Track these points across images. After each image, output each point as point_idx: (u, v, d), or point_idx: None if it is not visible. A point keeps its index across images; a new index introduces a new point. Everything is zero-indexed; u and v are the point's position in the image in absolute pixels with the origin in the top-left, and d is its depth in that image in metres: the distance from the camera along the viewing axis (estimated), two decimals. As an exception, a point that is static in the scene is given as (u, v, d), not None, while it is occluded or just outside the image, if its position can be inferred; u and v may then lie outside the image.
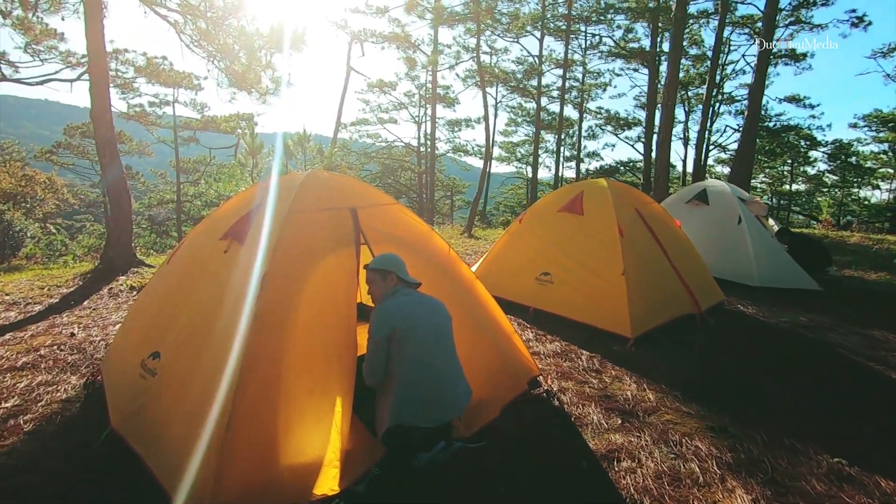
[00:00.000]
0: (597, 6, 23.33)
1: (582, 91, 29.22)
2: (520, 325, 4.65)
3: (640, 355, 3.95)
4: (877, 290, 6.71)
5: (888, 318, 5.23)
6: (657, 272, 4.79)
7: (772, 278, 6.19)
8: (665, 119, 10.69)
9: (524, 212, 5.79)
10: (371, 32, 25.54)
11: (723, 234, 6.65)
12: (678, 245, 5.23)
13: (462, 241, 11.18)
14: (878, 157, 33.62)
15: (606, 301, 4.43)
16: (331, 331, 2.29)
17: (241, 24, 7.42)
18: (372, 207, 2.84)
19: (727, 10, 18.67)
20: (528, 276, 5.12)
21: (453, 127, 34.99)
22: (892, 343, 4.42)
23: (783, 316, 5.19)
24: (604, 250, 4.65)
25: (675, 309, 4.70)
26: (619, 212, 4.82)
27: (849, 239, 12.45)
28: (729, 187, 7.05)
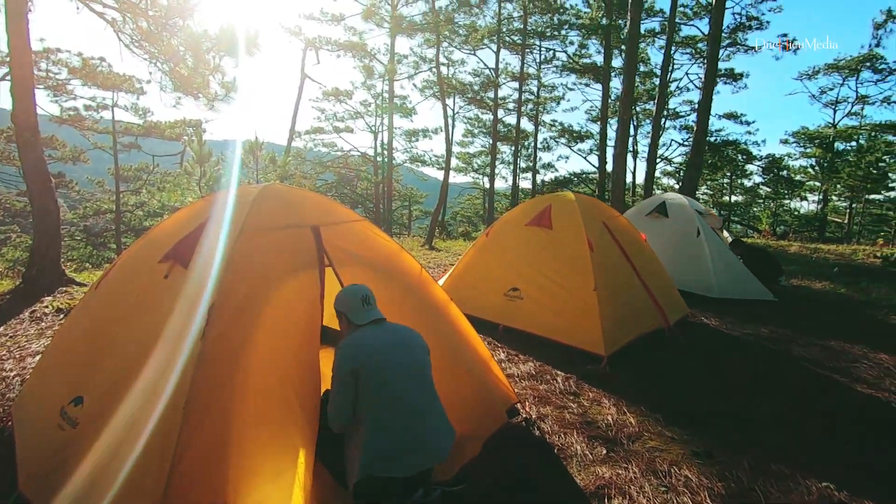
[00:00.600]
0: (551, 22, 23.92)
1: (537, 104, 29.82)
2: (490, 344, 4.45)
3: (616, 374, 3.83)
4: (824, 299, 7.00)
5: (841, 328, 5.41)
6: (627, 287, 4.73)
7: (730, 289, 6.32)
8: (621, 133, 10.94)
9: (491, 225, 5.63)
10: (326, 40, 25.09)
11: (682, 247, 6.75)
12: (645, 259, 5.21)
13: (423, 253, 10.94)
14: (806, 171, 36.23)
15: (578, 318, 4.30)
16: (291, 371, 1.99)
17: (187, 25, 6.93)
18: (336, 225, 2.56)
19: (674, 30, 19.57)
20: (497, 291, 4.95)
21: (410, 137, 34.82)
22: (850, 353, 4.53)
23: (746, 328, 5.26)
24: (574, 265, 4.54)
25: (645, 324, 4.64)
26: (587, 226, 4.74)
27: (788, 248, 13.16)
28: (687, 200, 7.19)
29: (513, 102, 29.11)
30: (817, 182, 35.16)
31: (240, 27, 7.65)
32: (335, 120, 34.49)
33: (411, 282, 2.74)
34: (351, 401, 2.04)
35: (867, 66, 31.01)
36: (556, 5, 22.92)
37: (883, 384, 3.86)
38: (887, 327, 5.60)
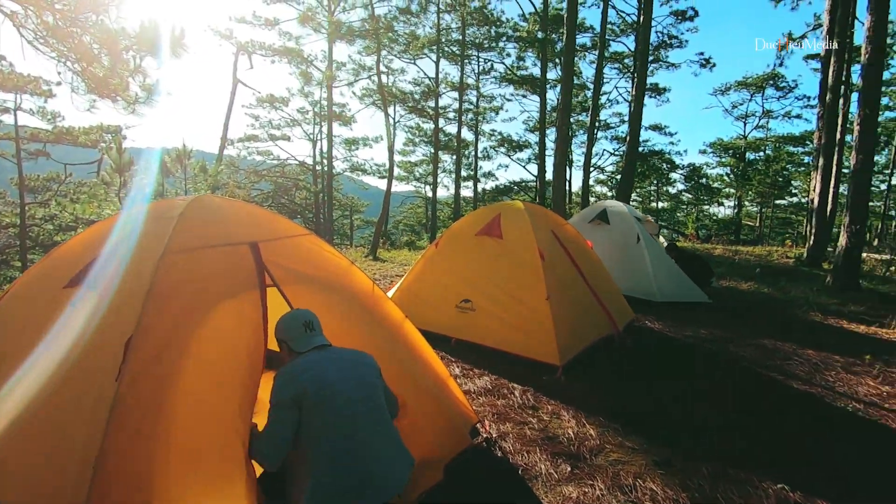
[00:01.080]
0: (489, 34, 24.41)
1: (477, 114, 30.28)
2: (444, 359, 4.29)
3: (572, 385, 3.80)
4: (751, 299, 7.46)
5: (770, 327, 5.74)
6: (577, 295, 4.75)
7: (670, 293, 6.57)
8: (560, 142, 11.24)
9: (440, 236, 5.50)
10: (260, 45, 24.15)
11: (624, 253, 6.95)
12: (593, 266, 5.28)
13: (367, 263, 10.63)
14: (722, 179, 39.31)
15: (531, 328, 4.25)
16: (232, 411, 1.73)
17: (101, 20, 6.29)
18: (278, 240, 2.31)
19: (605, 46, 20.56)
20: (448, 304, 4.81)
21: (350, 145, 34.25)
22: (781, 351, 4.79)
23: (687, 330, 5.45)
24: (526, 275, 4.50)
25: (596, 332, 4.68)
26: (537, 235, 4.72)
27: (713, 251, 14.05)
28: (626, 207, 7.44)
29: (453, 112, 29.39)
30: (732, 189, 38.21)
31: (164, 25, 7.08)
32: (271, 127, 33.28)
33: (363, 300, 2.53)
34: (291, 434, 1.80)
35: (770, 83, 34.24)
36: (493, 18, 23.45)
37: (815, 380, 4.09)
38: (809, 324, 6.02)
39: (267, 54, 25.00)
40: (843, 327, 5.95)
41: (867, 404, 3.63)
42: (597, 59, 19.98)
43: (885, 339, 5.48)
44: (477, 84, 29.15)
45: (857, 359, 4.59)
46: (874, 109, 7.96)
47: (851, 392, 3.85)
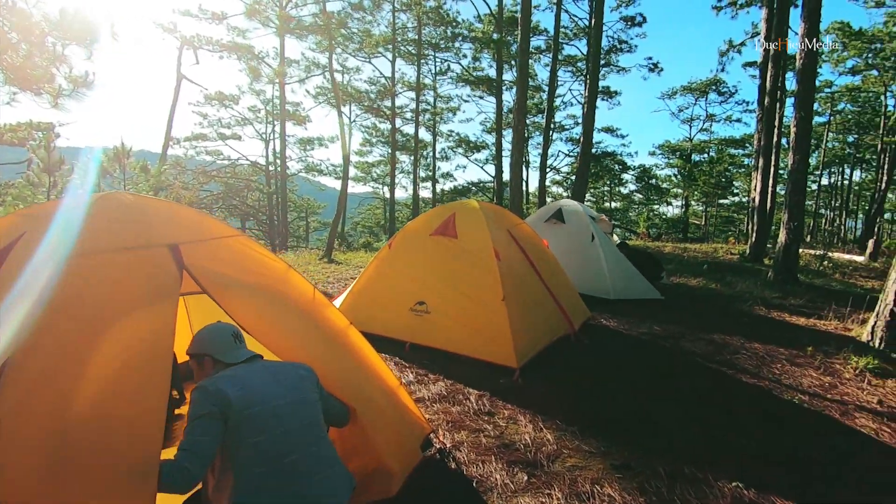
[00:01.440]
0: (445, 34, 24.36)
1: (434, 114, 30.19)
2: (397, 365, 4.11)
3: (529, 387, 3.70)
4: (700, 294, 7.68)
5: (719, 322, 5.89)
6: (534, 295, 4.68)
7: (624, 291, 6.64)
8: (516, 142, 11.29)
9: (393, 236, 5.31)
10: (207, 39, 23.10)
11: (580, 252, 6.98)
12: (549, 265, 5.24)
13: (322, 266, 10.27)
14: (670, 180, 41.04)
15: (488, 330, 4.13)
16: (138, 432, 1.49)
17: (14, 4, 5.72)
18: (202, 242, 2.07)
19: (558, 49, 20.92)
20: (402, 306, 4.63)
21: (305, 145, 33.43)
22: (730, 345, 4.90)
23: (641, 327, 5.51)
24: (481, 275, 4.38)
25: (553, 332, 4.62)
26: (493, 234, 4.62)
27: (664, 248, 14.52)
28: (581, 206, 7.49)
29: (410, 112, 29.20)
30: (680, 189, 39.96)
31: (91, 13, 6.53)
32: (220, 126, 32.02)
33: (303, 306, 2.32)
34: (215, 448, 1.58)
35: (713, 89, 36.00)
36: (449, 18, 23.42)
37: (762, 373, 4.18)
38: (755, 318, 6.23)
39: (215, 49, 23.94)
40: (785, 320, 6.19)
41: (811, 395, 3.73)
42: (551, 61, 20.28)
43: (823, 330, 5.73)
44: (434, 84, 29.08)
45: (799, 351, 4.75)
46: (809, 112, 8.39)
47: (797, 384, 3.96)
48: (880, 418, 3.38)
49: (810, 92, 8.32)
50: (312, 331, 2.25)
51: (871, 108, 32.41)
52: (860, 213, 39.83)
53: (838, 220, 39.55)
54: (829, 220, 40.01)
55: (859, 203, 41.06)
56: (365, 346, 2.56)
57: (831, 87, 31.98)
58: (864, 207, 37.20)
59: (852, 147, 37.23)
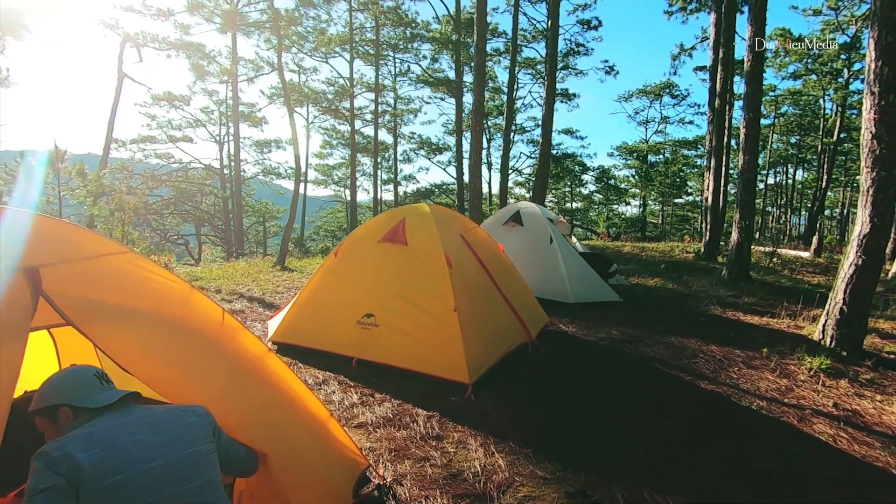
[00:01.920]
0: (404, 35, 24.04)
1: (395, 116, 29.82)
2: (341, 385, 3.78)
3: (482, 404, 3.46)
4: (658, 294, 7.68)
5: (676, 323, 5.84)
6: (489, 304, 4.45)
7: (583, 294, 6.52)
8: (475, 143, 11.12)
9: (340, 243, 4.98)
10: (152, 37, 21.96)
11: (538, 255, 6.83)
12: (505, 271, 5.03)
13: (274, 274, 9.76)
14: (628, 180, 42.14)
15: (439, 343, 3.87)
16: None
17: None
18: (71, 263, 1.71)
19: (516, 51, 20.97)
20: (349, 320, 4.30)
21: (262, 148, 32.44)
22: (688, 349, 4.81)
23: (600, 332, 5.37)
24: (432, 284, 4.12)
25: (509, 342, 4.40)
26: (444, 239, 4.36)
27: (623, 248, 14.68)
28: (539, 208, 7.35)
29: (370, 113, 28.72)
30: (637, 189, 41.07)
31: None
32: (171, 128, 30.66)
33: (207, 334, 1.98)
34: None
35: (667, 92, 37.18)
36: (408, 19, 23.13)
37: (720, 378, 4.09)
38: (711, 318, 6.22)
39: (162, 48, 22.80)
40: (740, 320, 6.21)
41: (769, 401, 3.64)
42: (510, 63, 20.29)
43: (777, 329, 5.77)
44: (394, 86, 28.71)
45: (755, 352, 4.71)
46: (757, 113, 8.57)
47: (754, 388, 3.88)
48: (836, 423, 3.31)
49: (758, 93, 8.50)
50: (215, 363, 1.91)
51: (812, 111, 34.22)
52: (804, 211, 42.08)
53: (784, 218, 41.64)
54: (776, 217, 42.05)
55: (802, 201, 43.34)
56: (286, 376, 2.24)
57: (775, 91, 33.56)
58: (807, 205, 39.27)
59: (795, 148, 39.24)
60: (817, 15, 25.84)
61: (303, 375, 3.91)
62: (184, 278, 2.08)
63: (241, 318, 5.69)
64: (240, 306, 6.33)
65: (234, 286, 8.02)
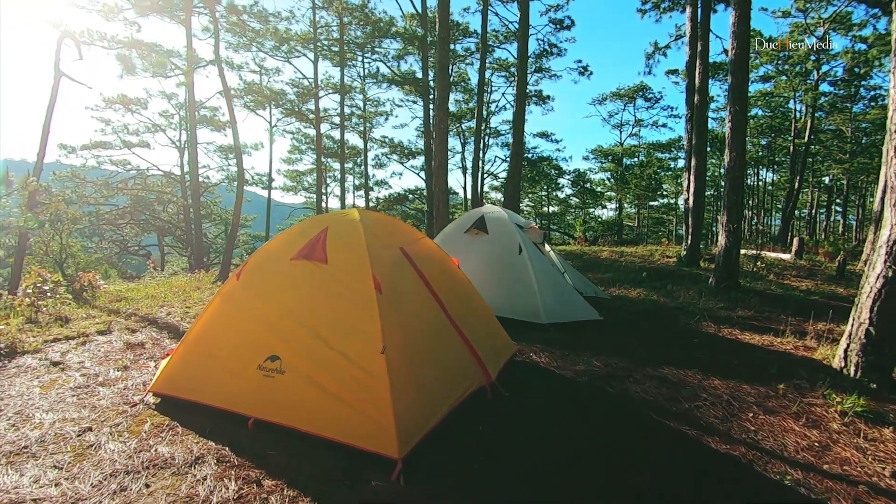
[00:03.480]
0: (372, 32, 23.00)
1: (364, 119, 28.73)
2: (220, 464, 2.69)
3: (413, 493, 2.43)
4: (643, 309, 6.79)
5: (668, 347, 4.93)
6: (433, 339, 3.43)
7: (558, 312, 5.56)
8: (439, 143, 10.13)
9: (244, 261, 3.90)
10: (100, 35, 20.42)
11: (506, 267, 5.86)
12: (459, 294, 4.02)
13: (210, 292, 8.56)
14: (604, 183, 41.90)
15: (360, 400, 2.83)
16: None
17: None
18: None
19: (487, 50, 20.15)
20: (248, 364, 3.22)
21: (227, 153, 30.93)
22: (686, 386, 3.88)
23: (578, 363, 4.40)
24: (354, 316, 3.08)
25: (460, 388, 3.38)
26: (375, 255, 3.33)
27: (600, 254, 13.86)
28: (506, 213, 6.38)
29: (337, 116, 27.56)
30: (613, 192, 40.83)
31: None
32: (126, 133, 29.00)
33: None
34: None
35: (640, 95, 37.07)
36: (374, 17, 22.10)
37: (732, 431, 3.14)
38: (705, 339, 5.33)
39: (112, 46, 21.25)
40: (738, 339, 5.34)
41: (804, 469, 2.71)
42: (479, 63, 19.45)
43: (784, 350, 4.90)
44: (363, 87, 27.62)
45: (768, 388, 3.80)
46: (744, 105, 7.81)
47: (779, 447, 2.94)
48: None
49: (744, 84, 7.74)
50: None
51: (782, 114, 34.45)
52: (775, 212, 42.46)
53: (757, 219, 41.93)
54: (748, 219, 42.28)
55: (773, 202, 43.78)
56: None
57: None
58: (778, 206, 39.59)
59: (766, 150, 39.59)
60: (786, 17, 25.82)
61: (174, 449, 2.81)
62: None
63: (136, 356, 4.54)
64: (143, 337, 5.16)
65: (156, 308, 6.82)
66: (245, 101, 24.14)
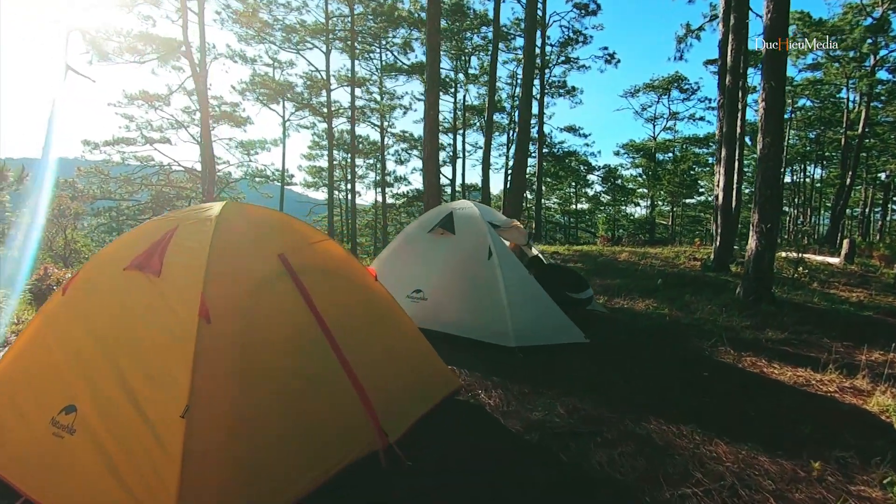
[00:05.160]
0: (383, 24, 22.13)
1: (381, 112, 27.98)
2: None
3: None
4: (645, 326, 5.60)
5: (663, 384, 3.78)
6: (304, 389, 2.42)
7: (531, 334, 4.47)
8: (428, 131, 9.10)
9: (76, 271, 3.03)
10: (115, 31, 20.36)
11: (472, 276, 4.81)
12: (367, 317, 3.00)
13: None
14: (636, 180, 39.84)
15: (146, 484, 1.89)
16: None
17: None
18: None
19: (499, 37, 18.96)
20: (41, 416, 2.33)
21: (248, 149, 30.85)
22: (674, 453, 2.75)
23: (536, 407, 3.32)
24: (166, 355, 2.14)
25: (335, 458, 2.36)
26: (221, 267, 2.38)
27: (619, 256, 12.55)
28: (480, 209, 5.31)
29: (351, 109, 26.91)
30: (645, 189, 38.76)
31: None
32: (150, 129, 29.28)
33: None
34: None
35: (675, 86, 34.88)
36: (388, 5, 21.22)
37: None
38: (717, 371, 4.14)
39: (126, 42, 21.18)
40: (763, 374, 4.13)
41: None
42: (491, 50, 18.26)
43: (823, 394, 3.68)
44: (380, 78, 26.86)
45: (797, 462, 2.64)
46: (781, 81, 6.45)
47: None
48: None
49: (782, 55, 6.38)
50: None
51: (832, 104, 31.69)
52: (823, 210, 39.33)
53: (802, 218, 38.92)
54: (794, 217, 39.28)
55: (821, 200, 40.63)
56: None
57: (792, 84, 31.10)
58: (827, 204, 36.62)
59: (814, 143, 36.65)
60: (840, -5, 23.49)
61: None
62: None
63: None
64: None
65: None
66: (258, 94, 23.73)
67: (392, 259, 5.37)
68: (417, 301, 4.84)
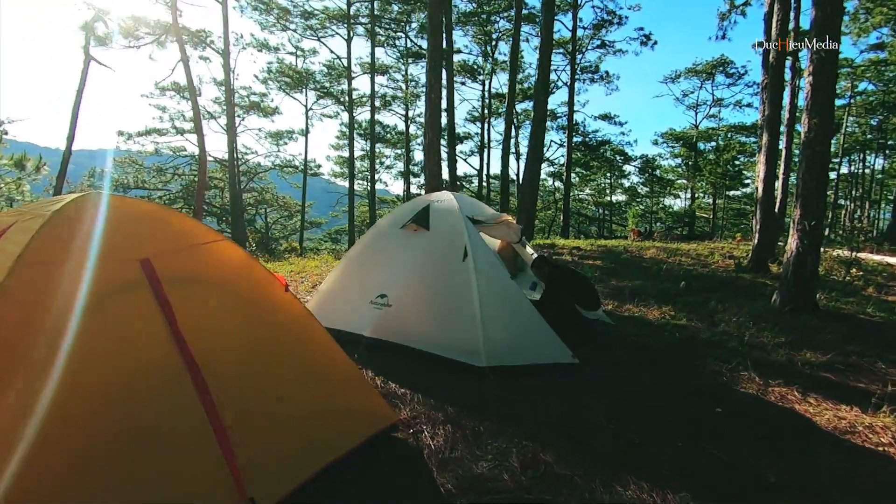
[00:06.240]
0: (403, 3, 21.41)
1: (406, 101, 27.38)
2: None
3: None
4: (654, 343, 4.75)
5: (658, 427, 3.00)
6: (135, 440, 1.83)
7: (508, 351, 3.76)
8: (429, 116, 8.40)
9: None
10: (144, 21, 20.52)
11: (444, 281, 4.11)
12: (258, 344, 2.37)
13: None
14: (675, 170, 37.74)
15: None
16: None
17: None
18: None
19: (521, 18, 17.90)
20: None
21: (276, 139, 30.98)
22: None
23: (485, 454, 2.62)
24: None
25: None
26: (38, 273, 1.81)
27: (645, 252, 11.51)
28: (457, 201, 4.59)
29: (378, 99, 26.42)
30: (685, 180, 36.67)
31: None
32: (183, 120, 29.78)
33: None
34: None
35: (720, 70, 32.64)
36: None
37: None
38: (734, 409, 3.31)
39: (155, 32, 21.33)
40: (794, 411, 3.28)
41: None
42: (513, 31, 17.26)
43: (874, 448, 2.82)
44: (406, 65, 26.23)
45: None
46: (834, 53, 5.36)
47: None
48: None
49: (834, 19, 5.30)
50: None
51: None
52: (884, 204, 36.17)
53: (860, 212, 35.88)
54: (850, 211, 36.26)
55: (882, 193, 37.44)
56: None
57: (852, 65, 28.48)
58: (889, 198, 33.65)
59: (875, 131, 33.59)
60: (909, -37, 21.09)
61: None
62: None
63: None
64: None
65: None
66: (280, 83, 23.55)
67: (360, 258, 4.75)
68: (381, 308, 4.19)
